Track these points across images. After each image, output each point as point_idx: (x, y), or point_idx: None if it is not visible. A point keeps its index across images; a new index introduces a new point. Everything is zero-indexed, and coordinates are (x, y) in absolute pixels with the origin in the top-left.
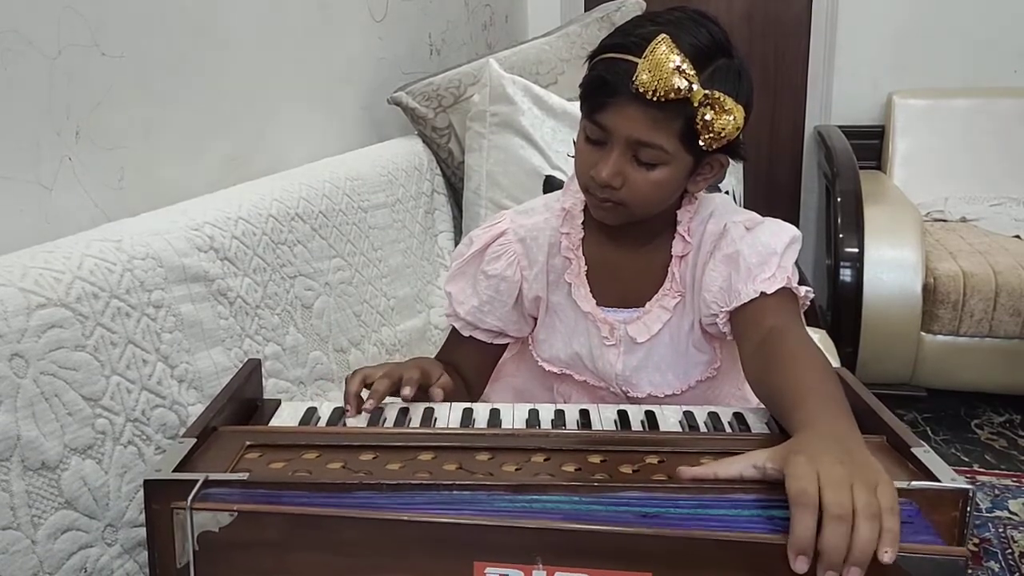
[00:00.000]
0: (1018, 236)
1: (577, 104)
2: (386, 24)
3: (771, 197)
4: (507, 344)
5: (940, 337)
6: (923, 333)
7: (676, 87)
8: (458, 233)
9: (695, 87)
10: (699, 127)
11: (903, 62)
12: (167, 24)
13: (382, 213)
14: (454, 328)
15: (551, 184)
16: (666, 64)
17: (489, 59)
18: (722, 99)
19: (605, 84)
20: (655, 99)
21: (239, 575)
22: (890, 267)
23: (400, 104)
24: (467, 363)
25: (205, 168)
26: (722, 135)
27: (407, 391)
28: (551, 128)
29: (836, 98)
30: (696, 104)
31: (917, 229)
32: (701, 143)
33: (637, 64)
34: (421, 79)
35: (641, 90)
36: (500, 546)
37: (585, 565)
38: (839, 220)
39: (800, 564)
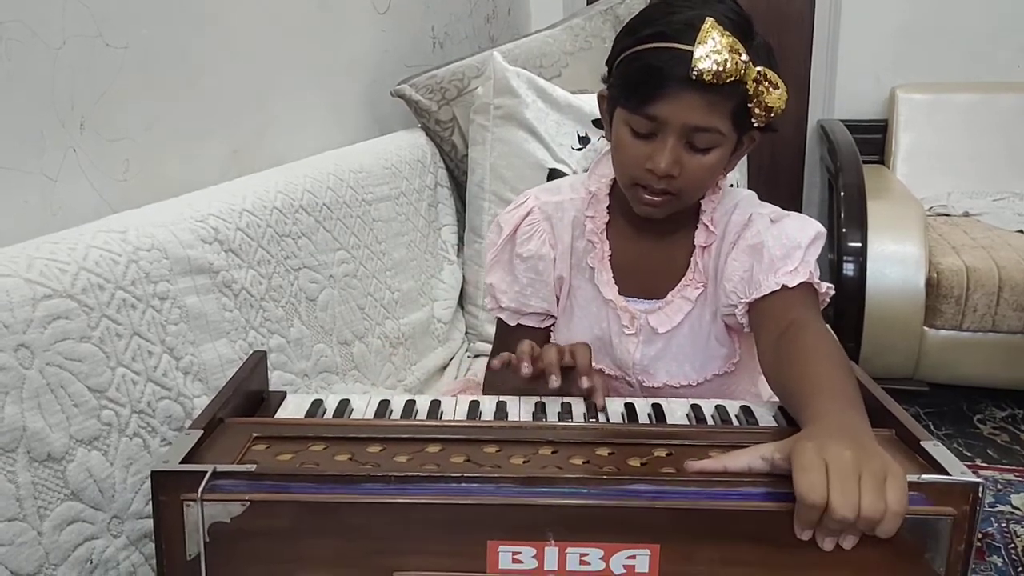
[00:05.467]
0: (1021, 231)
1: (581, 97)
2: (389, 17)
3: (774, 191)
4: (552, 325)
5: (943, 332)
6: (926, 328)
7: (736, 67)
8: (461, 227)
9: (750, 65)
10: (753, 104)
11: (906, 57)
12: (171, 16)
13: (386, 206)
14: (500, 323)
15: (555, 177)
16: (723, 46)
17: (493, 52)
18: (770, 74)
19: (656, 74)
20: (715, 82)
21: (250, 565)
22: (893, 262)
23: (403, 97)
24: None
25: (209, 160)
26: (772, 110)
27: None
28: (555, 121)
29: (839, 92)
30: (750, 82)
31: (920, 224)
32: (753, 120)
33: (687, 50)
34: (424, 72)
35: (704, 76)
36: (512, 524)
37: (595, 540)
38: (842, 214)
39: (805, 535)
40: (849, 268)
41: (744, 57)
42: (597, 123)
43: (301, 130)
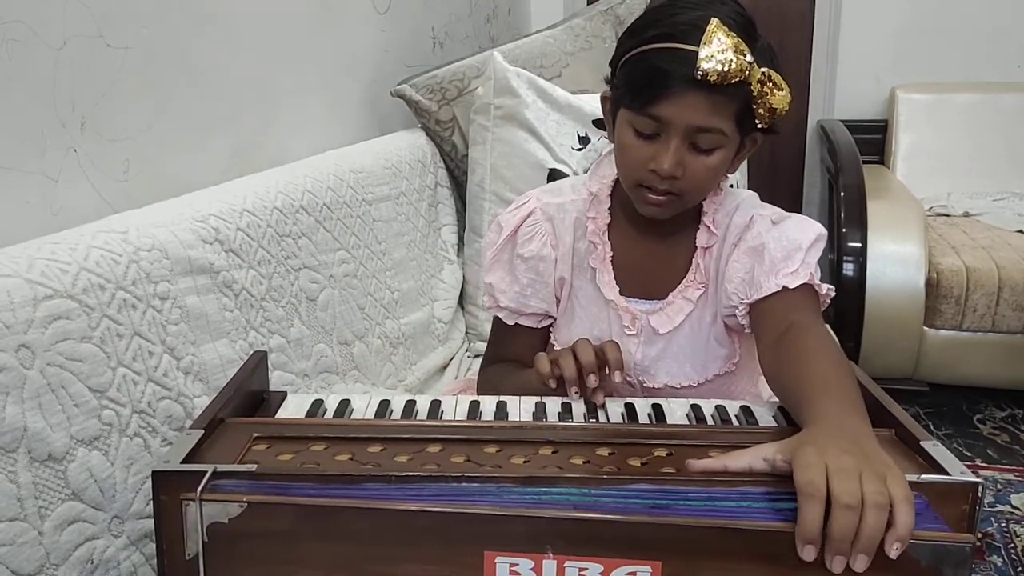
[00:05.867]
0: (1021, 231)
1: (582, 97)
2: (389, 17)
3: (774, 192)
4: (550, 325)
5: (943, 332)
6: (926, 328)
7: (741, 69)
8: (461, 227)
9: (755, 66)
10: (757, 106)
11: (906, 56)
12: (172, 16)
13: (386, 206)
14: (497, 322)
15: (555, 177)
16: (728, 47)
17: (493, 52)
18: (774, 75)
19: (661, 75)
20: (720, 82)
21: (248, 566)
22: (893, 262)
23: (403, 97)
24: (522, 354)
25: (210, 160)
26: (776, 111)
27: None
28: (555, 121)
29: (839, 92)
30: (754, 83)
31: (920, 224)
32: (756, 121)
33: (692, 51)
34: (424, 72)
35: (709, 77)
36: (510, 535)
37: (595, 554)
38: (842, 215)
39: (808, 552)
40: (849, 268)
41: (749, 58)
42: (597, 123)
43: (301, 130)
